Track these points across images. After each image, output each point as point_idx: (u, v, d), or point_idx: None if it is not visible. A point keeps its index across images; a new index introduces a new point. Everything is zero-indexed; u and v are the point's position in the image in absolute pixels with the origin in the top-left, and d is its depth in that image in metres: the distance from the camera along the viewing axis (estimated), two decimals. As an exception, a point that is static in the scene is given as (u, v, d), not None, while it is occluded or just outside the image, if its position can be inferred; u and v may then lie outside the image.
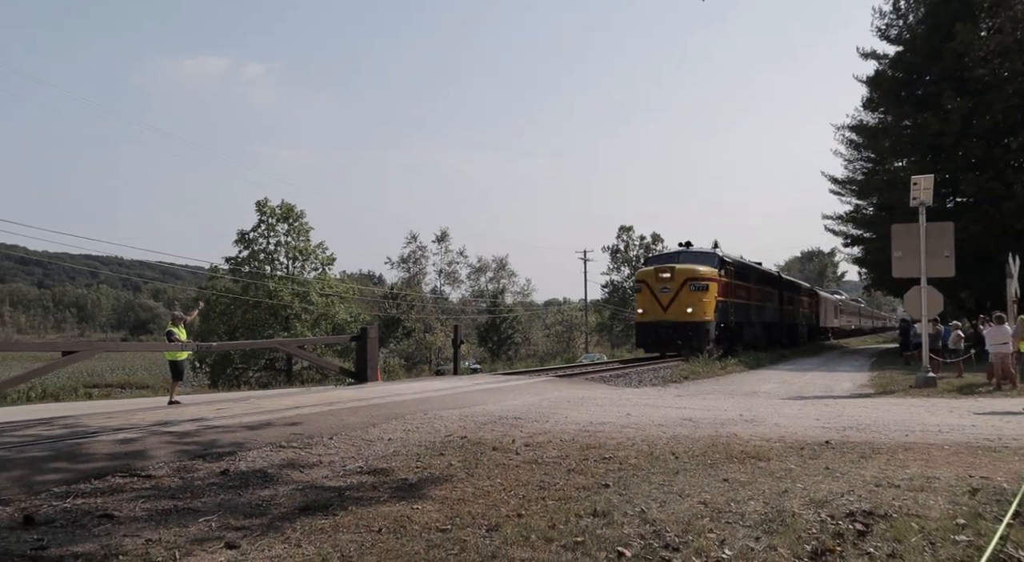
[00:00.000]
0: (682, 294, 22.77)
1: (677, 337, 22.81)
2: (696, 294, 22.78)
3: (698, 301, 22.70)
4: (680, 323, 22.60)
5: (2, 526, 4.17)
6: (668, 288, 23.06)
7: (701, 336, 22.55)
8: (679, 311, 22.66)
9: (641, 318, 24.22)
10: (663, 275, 23.23)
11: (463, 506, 4.57)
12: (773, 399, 12.33)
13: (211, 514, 4.39)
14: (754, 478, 5.37)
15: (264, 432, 7.27)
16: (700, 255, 24.70)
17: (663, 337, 23.14)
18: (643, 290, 24.03)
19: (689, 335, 22.57)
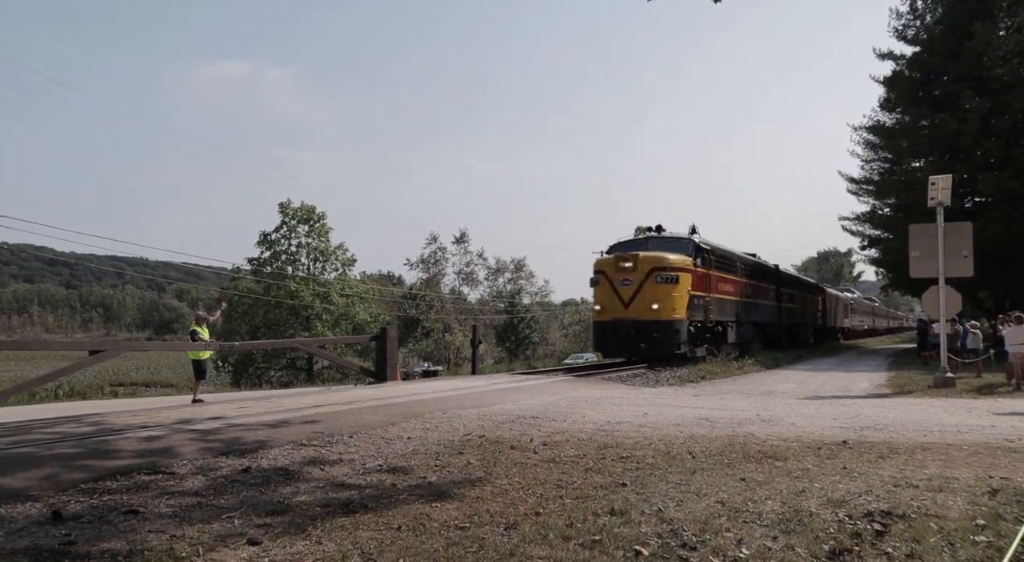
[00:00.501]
0: (646, 287, 18.91)
1: (640, 339, 18.98)
2: (663, 287, 18.88)
3: (666, 295, 18.83)
4: (644, 322, 18.80)
5: (31, 521, 4.22)
6: (630, 280, 19.15)
7: (669, 337, 18.76)
8: (642, 307, 18.83)
9: (598, 316, 20.28)
10: (624, 264, 19.24)
11: (481, 504, 4.57)
12: (790, 399, 12.23)
13: (234, 511, 4.42)
14: (771, 478, 5.33)
15: (285, 430, 7.31)
16: (672, 241, 20.76)
17: (624, 338, 19.28)
18: (601, 283, 19.98)
19: (655, 336, 18.79)
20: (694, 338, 20.04)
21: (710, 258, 21.31)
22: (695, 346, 20.26)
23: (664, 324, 18.74)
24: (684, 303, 19.18)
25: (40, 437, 6.71)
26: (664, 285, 18.87)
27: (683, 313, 19.08)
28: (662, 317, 18.70)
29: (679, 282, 19.08)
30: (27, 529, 4.06)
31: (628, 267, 19.22)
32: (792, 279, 34.17)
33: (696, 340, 20.27)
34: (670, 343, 18.75)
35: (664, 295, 18.80)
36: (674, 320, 18.85)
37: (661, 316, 18.70)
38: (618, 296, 19.33)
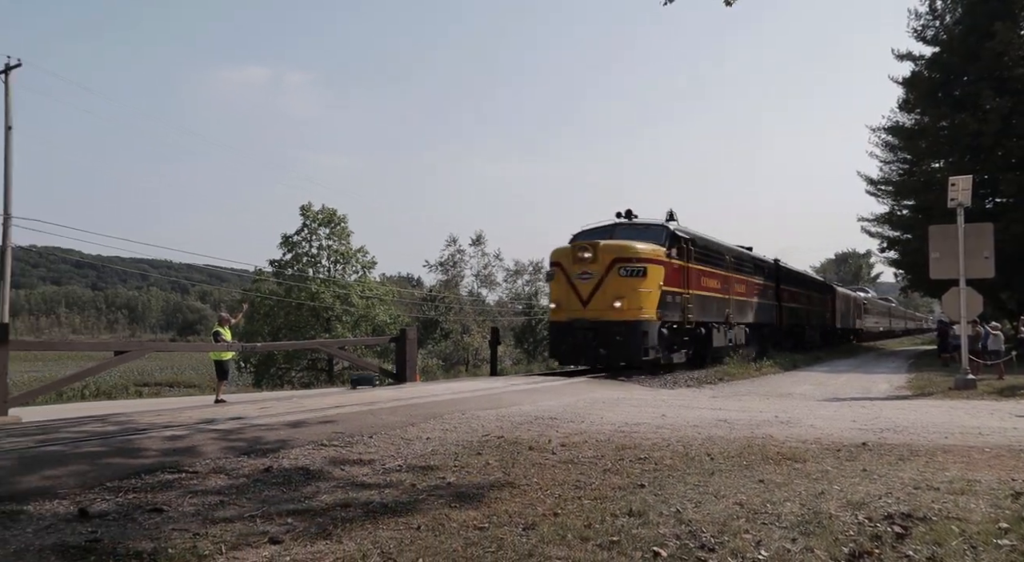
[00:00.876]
0: (608, 282, 15.99)
1: (600, 343, 15.96)
2: (628, 281, 15.96)
3: (631, 291, 15.85)
4: (604, 323, 15.82)
5: (59, 518, 4.27)
6: (589, 274, 16.19)
7: (635, 340, 15.75)
8: (603, 305, 15.90)
9: (554, 316, 17.19)
10: (582, 255, 16.26)
11: (500, 504, 4.57)
12: (809, 401, 12.11)
13: (256, 510, 4.44)
14: (790, 479, 5.28)
15: (306, 430, 7.35)
16: (642, 229, 17.70)
17: (581, 342, 16.19)
18: (557, 277, 16.89)
19: (617, 340, 15.76)
20: (668, 341, 17.14)
21: (688, 249, 18.31)
22: (669, 350, 17.41)
23: (629, 325, 15.80)
24: (654, 300, 16.25)
25: (67, 436, 6.80)
26: (629, 279, 16.02)
27: (652, 312, 16.16)
28: (626, 317, 15.79)
29: (647, 275, 16.17)
30: (55, 526, 4.11)
31: (587, 258, 16.26)
32: (795, 276, 30.72)
33: (671, 344, 17.42)
34: (636, 347, 15.86)
35: (629, 291, 15.93)
36: (641, 320, 15.91)
37: (625, 316, 15.79)
38: (575, 292, 16.43)
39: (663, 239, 17.28)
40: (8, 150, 27.20)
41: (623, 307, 15.78)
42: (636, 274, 16.08)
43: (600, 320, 15.93)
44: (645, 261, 16.25)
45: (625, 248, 16.38)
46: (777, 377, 18.98)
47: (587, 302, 16.24)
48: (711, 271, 19.97)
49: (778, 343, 27.02)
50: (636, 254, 16.24)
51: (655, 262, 16.51)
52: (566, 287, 16.63)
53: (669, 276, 16.90)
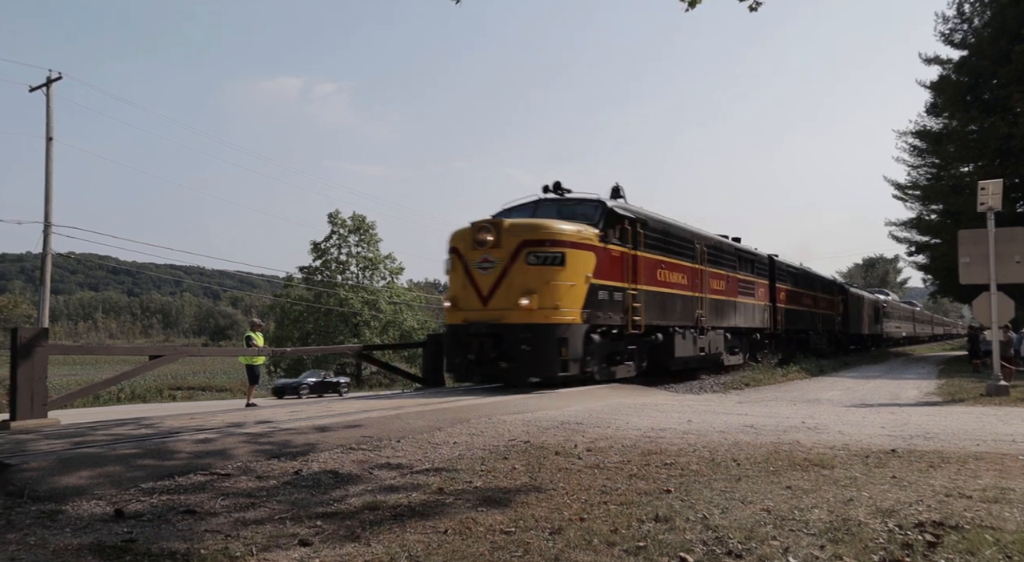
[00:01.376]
0: (514, 272, 12.19)
1: (501, 353, 12.04)
2: (540, 272, 12.14)
3: (544, 284, 12.04)
4: (507, 326, 11.99)
5: (95, 518, 4.34)
6: (490, 262, 12.39)
7: (547, 351, 11.91)
8: (506, 303, 12.06)
9: (449, 317, 13.31)
10: (482, 237, 12.51)
11: (527, 509, 4.55)
12: (836, 406, 11.93)
13: (285, 512, 4.48)
14: (818, 486, 5.20)
15: (335, 434, 7.39)
16: (572, 205, 14.06)
17: (478, 351, 12.19)
18: (454, 266, 13.07)
19: (522, 350, 11.82)
20: (602, 350, 13.14)
21: (636, 232, 14.36)
22: (607, 362, 13.59)
23: (539, 329, 11.88)
24: (578, 297, 12.40)
25: (103, 438, 6.91)
26: (542, 268, 12.16)
27: (575, 312, 12.29)
28: (535, 319, 11.89)
29: (567, 264, 12.31)
30: (92, 526, 4.18)
31: (487, 241, 12.41)
32: (796, 273, 26.92)
33: (609, 353, 13.56)
34: (549, 358, 11.95)
35: (541, 284, 12.05)
36: (556, 323, 11.98)
37: (534, 317, 11.90)
38: (473, 286, 12.54)
39: (596, 218, 13.40)
40: (49, 160, 27.87)
41: (532, 305, 11.85)
42: (551, 262, 12.22)
43: (501, 323, 12.04)
44: (565, 245, 12.38)
45: (537, 228, 12.53)
46: (804, 382, 18.72)
47: (487, 299, 12.32)
48: (673, 262, 16.01)
49: (777, 350, 23.67)
50: (552, 236, 12.34)
51: (581, 247, 12.63)
52: (463, 280, 12.75)
53: (604, 266, 13.12)
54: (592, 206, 13.91)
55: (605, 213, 13.68)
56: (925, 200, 36.69)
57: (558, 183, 14.30)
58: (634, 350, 14.56)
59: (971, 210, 15.80)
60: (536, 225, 12.75)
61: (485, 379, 13.08)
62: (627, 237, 14.12)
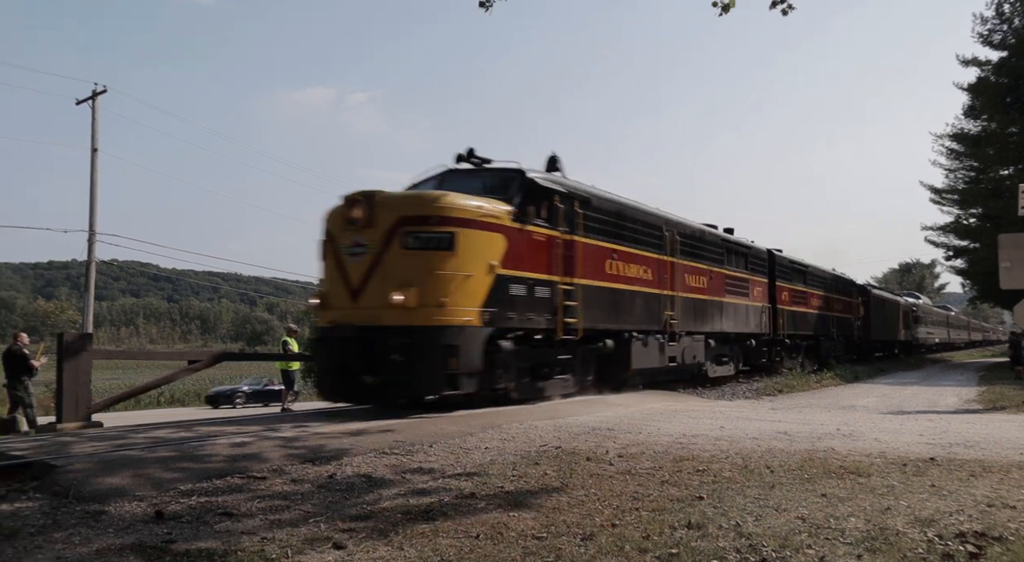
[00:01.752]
0: (388, 258, 9.37)
1: (369, 365, 9.09)
2: (422, 258, 9.38)
3: (426, 274, 9.25)
4: (376, 330, 9.16)
5: (136, 519, 4.42)
6: (362, 246, 9.51)
7: (428, 362, 9.09)
8: (380, 299, 9.13)
9: (318, 317, 10.42)
10: (353, 214, 9.56)
11: (558, 514, 4.53)
12: (872, 413, 11.70)
13: (320, 515, 4.51)
14: (854, 494, 5.09)
15: (367, 439, 7.44)
16: (486, 176, 11.18)
17: (341, 362, 9.36)
18: (326, 253, 10.12)
19: (394, 360, 8.97)
20: (518, 362, 10.23)
21: (570, 212, 11.21)
22: (530, 376, 10.65)
23: (418, 334, 9.01)
24: (477, 291, 9.46)
25: (143, 441, 7.04)
26: (423, 254, 9.29)
27: (472, 311, 9.36)
28: (412, 320, 9.00)
29: (459, 248, 9.35)
30: (133, 526, 4.26)
31: (358, 220, 9.43)
32: (804, 271, 23.59)
33: (529, 366, 10.58)
34: (430, 372, 9.06)
35: (422, 273, 9.17)
36: (442, 326, 9.12)
37: (411, 317, 9.00)
38: (343, 278, 9.56)
39: (512, 192, 10.38)
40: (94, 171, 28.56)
41: (409, 301, 8.93)
42: (436, 245, 9.31)
43: (373, 325, 9.10)
44: (456, 223, 9.42)
45: (418, 201, 9.73)
46: (839, 389, 18.39)
47: (358, 293, 9.36)
48: (630, 252, 13.01)
49: (772, 360, 20.70)
50: (438, 211, 9.40)
51: (482, 226, 9.61)
52: (333, 270, 9.81)
53: (520, 252, 10.11)
54: (510, 178, 10.75)
55: (524, 186, 10.53)
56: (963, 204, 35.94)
57: (471, 150, 11.27)
58: (571, 360, 11.50)
59: (1011, 214, 15.42)
60: (418, 197, 9.94)
61: (352, 397, 9.77)
62: (558, 218, 10.97)
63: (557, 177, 11.64)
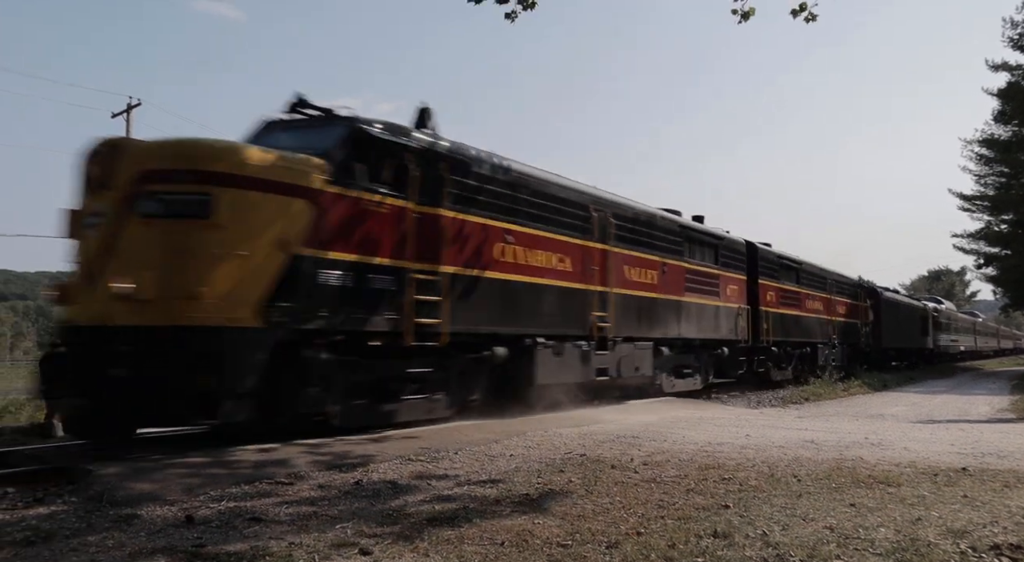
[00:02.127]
0: (123, 232, 6.69)
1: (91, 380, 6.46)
2: (166, 230, 6.77)
3: (170, 253, 6.69)
4: (106, 331, 6.52)
5: (167, 523, 4.48)
6: (99, 215, 6.85)
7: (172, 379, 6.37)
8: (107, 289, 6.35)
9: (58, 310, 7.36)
10: (92, 170, 7.00)
11: (583, 522, 4.51)
12: (901, 422, 11.50)
13: (346, 521, 4.53)
14: (883, 504, 5.01)
15: (392, 445, 7.46)
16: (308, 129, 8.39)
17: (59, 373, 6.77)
18: (72, 226, 7.30)
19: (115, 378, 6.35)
20: (342, 378, 7.68)
21: (430, 177, 8.66)
22: (369, 396, 8.15)
23: (152, 338, 6.55)
24: (256, 278, 6.93)
25: (173, 445, 7.12)
26: (167, 224, 6.81)
27: (247, 306, 6.80)
28: (152, 319, 6.57)
29: (222, 216, 6.82)
30: (164, 531, 4.31)
31: (96, 179, 7.06)
32: (795, 268, 20.52)
33: (364, 383, 8.01)
34: (170, 392, 6.50)
35: (166, 251, 6.79)
36: (194, 328, 6.61)
37: (151, 316, 6.55)
38: (82, 258, 7.17)
39: (332, 145, 7.74)
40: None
41: (144, 291, 6.48)
42: (186, 211, 6.84)
43: (104, 325, 6.65)
44: (221, 180, 6.91)
45: (163, 150, 7.20)
46: (866, 397, 18.11)
47: (90, 280, 6.86)
48: (533, 234, 10.36)
49: (756, 370, 18.01)
50: (189, 163, 7.01)
51: (267, 187, 7.05)
52: (76, 248, 7.32)
53: (341, 227, 7.60)
54: (337, 128, 8.13)
55: (353, 138, 7.95)
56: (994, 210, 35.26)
57: (302, 98, 8.61)
58: (436, 374, 8.93)
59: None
60: (163, 145, 7.26)
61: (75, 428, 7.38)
62: (413, 184, 8.40)
63: (420, 134, 9.00)
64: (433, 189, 8.74)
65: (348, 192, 7.73)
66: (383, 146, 8.24)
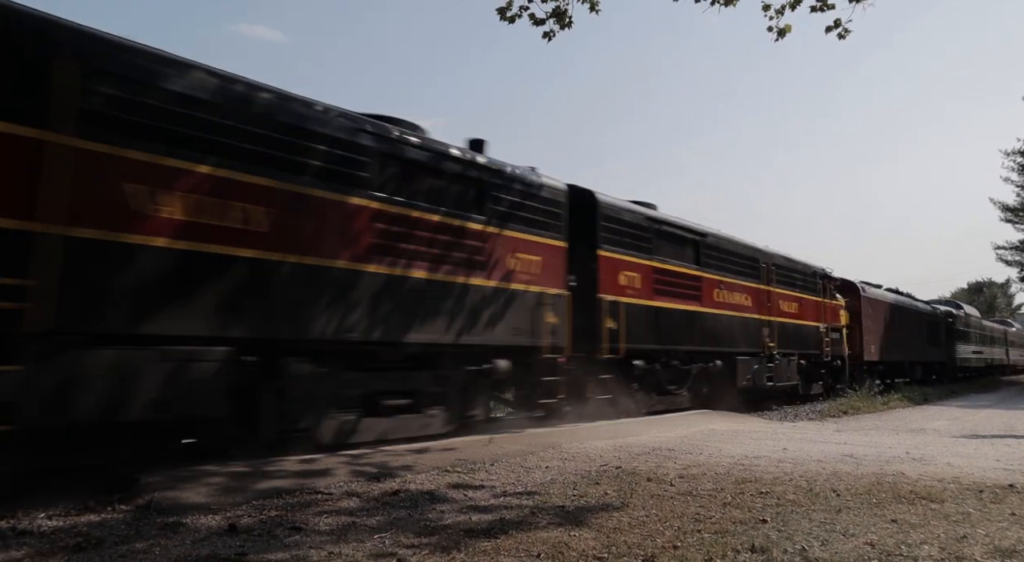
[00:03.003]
0: None
1: None
2: None
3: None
4: None
5: (211, 532, 4.54)
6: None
7: None
8: None
9: None
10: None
11: (619, 535, 4.47)
12: (943, 437, 11.19)
13: (384, 531, 4.56)
14: (926, 520, 4.88)
15: (429, 456, 7.49)
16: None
17: None
18: None
19: None
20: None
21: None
22: None
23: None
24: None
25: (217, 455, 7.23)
26: None
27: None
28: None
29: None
30: (208, 539, 4.37)
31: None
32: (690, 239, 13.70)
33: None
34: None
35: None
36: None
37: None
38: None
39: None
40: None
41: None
42: None
43: None
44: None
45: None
46: (906, 411, 17.66)
47: None
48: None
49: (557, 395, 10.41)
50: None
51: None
52: None
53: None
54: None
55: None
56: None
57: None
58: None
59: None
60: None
61: None
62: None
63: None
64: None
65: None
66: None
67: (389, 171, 7.91)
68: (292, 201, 6.89)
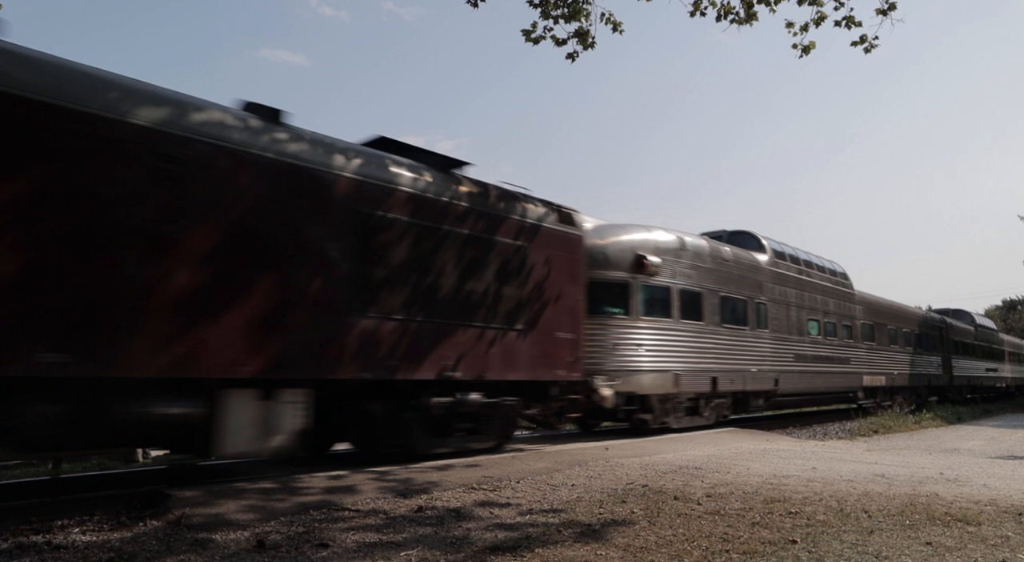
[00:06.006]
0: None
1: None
2: None
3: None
4: None
5: (240, 548, 4.56)
6: None
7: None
8: None
9: None
10: None
11: (645, 554, 4.40)
12: (979, 457, 10.89)
13: (411, 548, 4.54)
14: (963, 543, 4.74)
15: (454, 474, 7.47)
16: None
17: None
18: None
19: None
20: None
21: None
22: None
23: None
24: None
25: (268, 473, 7.28)
26: None
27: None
28: None
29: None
30: (237, 555, 4.39)
31: None
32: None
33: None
34: None
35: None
36: None
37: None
38: None
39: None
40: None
41: None
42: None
43: None
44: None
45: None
46: (939, 431, 17.24)
47: None
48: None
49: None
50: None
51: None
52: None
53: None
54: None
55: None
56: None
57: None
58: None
59: None
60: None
61: None
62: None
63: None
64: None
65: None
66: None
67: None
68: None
